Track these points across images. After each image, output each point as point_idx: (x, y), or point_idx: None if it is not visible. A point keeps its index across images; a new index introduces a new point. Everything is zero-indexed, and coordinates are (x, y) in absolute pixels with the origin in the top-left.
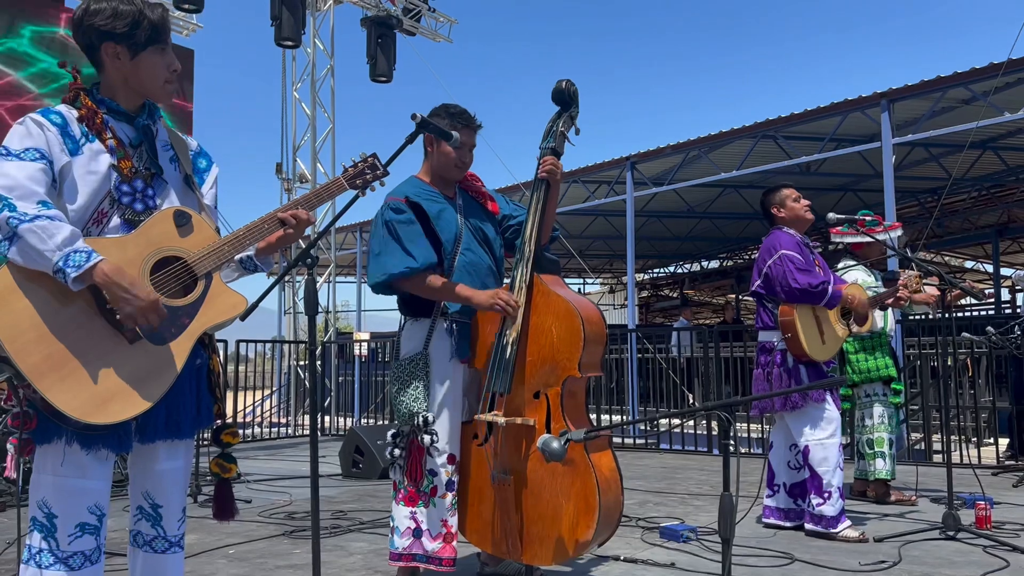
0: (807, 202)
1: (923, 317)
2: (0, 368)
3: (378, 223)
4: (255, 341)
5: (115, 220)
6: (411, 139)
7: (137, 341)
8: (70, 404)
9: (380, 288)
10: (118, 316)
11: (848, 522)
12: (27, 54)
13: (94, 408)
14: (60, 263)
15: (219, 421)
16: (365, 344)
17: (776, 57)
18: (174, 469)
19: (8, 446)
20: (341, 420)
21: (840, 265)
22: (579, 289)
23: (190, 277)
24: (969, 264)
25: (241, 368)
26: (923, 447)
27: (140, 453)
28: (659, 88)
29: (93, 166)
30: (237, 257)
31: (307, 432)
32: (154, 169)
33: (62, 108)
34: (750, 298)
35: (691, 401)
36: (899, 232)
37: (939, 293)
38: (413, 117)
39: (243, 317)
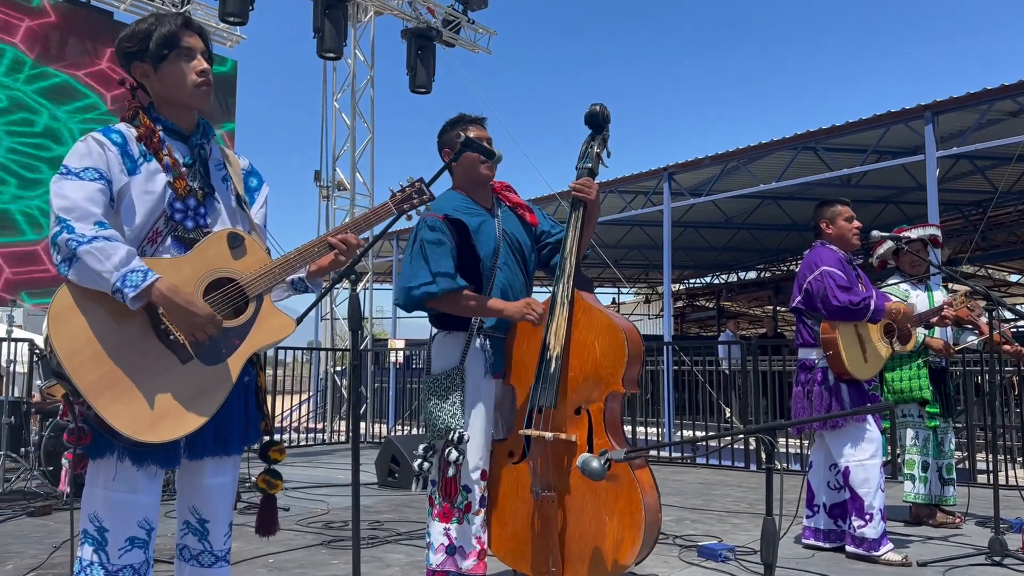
0: (858, 224)
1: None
2: (50, 380)
3: (413, 238)
4: (292, 348)
5: (168, 240)
6: (455, 158)
7: (189, 361)
8: (124, 422)
9: (408, 308)
10: (171, 337)
11: (890, 545)
12: None
13: (147, 427)
14: (118, 283)
15: (266, 437)
16: (400, 352)
17: (818, 68)
18: (221, 484)
19: (63, 461)
20: (376, 427)
21: (890, 281)
22: (613, 298)
23: (242, 298)
24: (1014, 278)
25: (278, 372)
26: (967, 467)
27: (188, 468)
28: (698, 99)
29: (150, 186)
30: (288, 278)
31: (343, 439)
32: (207, 188)
33: (122, 127)
34: (789, 310)
35: (728, 415)
36: (930, 232)
37: (985, 326)
38: (456, 137)
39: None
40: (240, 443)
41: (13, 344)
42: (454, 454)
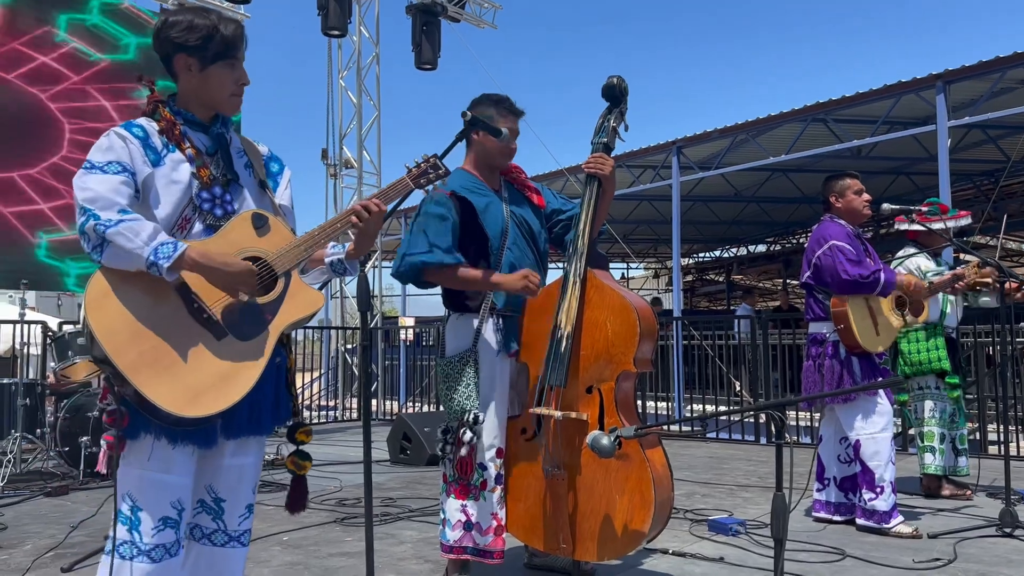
0: (868, 197)
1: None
2: (64, 361)
3: (417, 212)
4: (304, 327)
5: (197, 226)
6: (461, 136)
7: (224, 338)
8: (165, 398)
9: (403, 278)
10: (204, 316)
11: (901, 517)
12: (98, 27)
13: (187, 402)
14: (151, 256)
15: (295, 418)
16: (411, 330)
17: (828, 38)
18: (241, 465)
19: (101, 442)
20: (387, 404)
21: (900, 253)
22: (623, 274)
23: (270, 276)
24: None
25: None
26: (979, 439)
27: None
28: (706, 71)
29: (175, 176)
30: (327, 260)
31: (354, 416)
32: (230, 175)
33: (142, 121)
34: (799, 286)
35: (738, 389)
36: (966, 221)
37: (997, 282)
38: (463, 115)
39: None
40: (272, 423)
41: (27, 326)
42: (468, 435)
